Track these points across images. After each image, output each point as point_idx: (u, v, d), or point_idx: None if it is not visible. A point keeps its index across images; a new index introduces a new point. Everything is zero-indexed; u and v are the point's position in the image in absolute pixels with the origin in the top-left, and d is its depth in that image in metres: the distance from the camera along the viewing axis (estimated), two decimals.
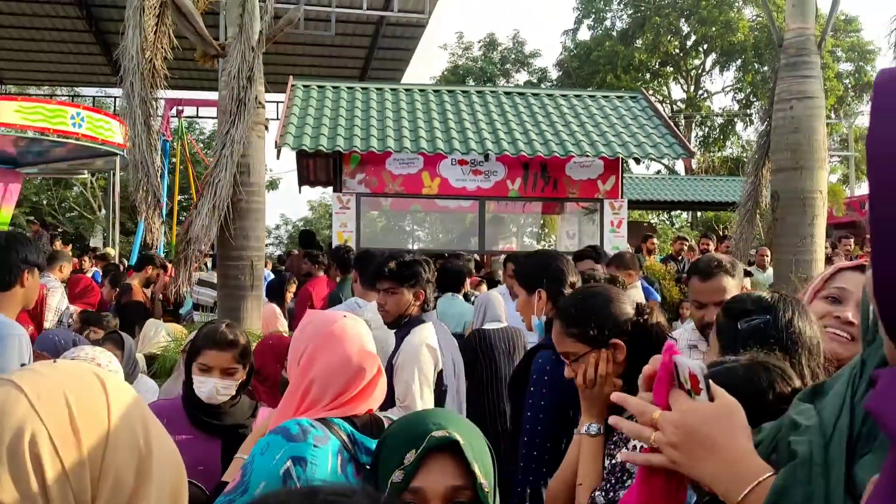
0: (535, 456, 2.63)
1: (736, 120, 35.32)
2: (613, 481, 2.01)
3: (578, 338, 2.24)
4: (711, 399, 1.17)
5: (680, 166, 31.78)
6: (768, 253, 10.41)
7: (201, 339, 2.89)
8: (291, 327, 6.23)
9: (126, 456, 1.02)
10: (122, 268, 12.15)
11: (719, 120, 35.60)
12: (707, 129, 35.63)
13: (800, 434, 1.16)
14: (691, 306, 3.13)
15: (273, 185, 35.51)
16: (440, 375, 3.81)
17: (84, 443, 0.98)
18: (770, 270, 10.14)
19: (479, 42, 40.35)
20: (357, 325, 2.23)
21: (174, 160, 20.52)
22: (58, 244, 14.55)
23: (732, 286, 2.96)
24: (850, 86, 33.21)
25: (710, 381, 1.19)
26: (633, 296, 4.40)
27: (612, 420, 1.29)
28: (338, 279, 8.01)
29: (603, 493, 2.00)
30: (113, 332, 5.17)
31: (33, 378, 1.01)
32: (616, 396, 1.27)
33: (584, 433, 2.16)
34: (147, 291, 8.66)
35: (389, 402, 3.41)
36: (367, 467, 1.71)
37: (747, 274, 7.60)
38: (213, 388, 2.76)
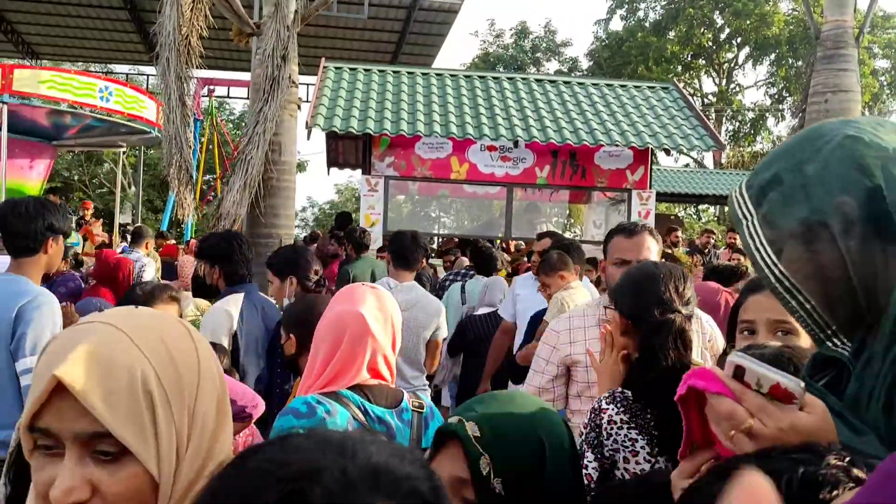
0: None
1: (767, 115, 34.93)
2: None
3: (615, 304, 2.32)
4: (801, 408, 1.06)
5: (709, 160, 31.56)
6: None
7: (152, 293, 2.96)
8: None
9: (211, 399, 1.07)
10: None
11: (750, 114, 35.22)
12: (738, 124, 35.29)
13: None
14: (610, 266, 3.00)
15: (301, 167, 35.67)
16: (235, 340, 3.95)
17: (184, 386, 1.03)
18: None
19: (510, 30, 40.32)
20: (372, 291, 2.29)
21: (203, 139, 20.67)
22: (88, 214, 14.76)
23: (655, 247, 3.02)
24: (885, 83, 32.73)
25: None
26: (566, 298, 4.38)
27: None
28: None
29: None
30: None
31: (130, 321, 1.04)
32: (730, 382, 1.10)
33: None
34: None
35: None
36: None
37: None
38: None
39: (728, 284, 4.96)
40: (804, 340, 1.86)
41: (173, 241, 15.69)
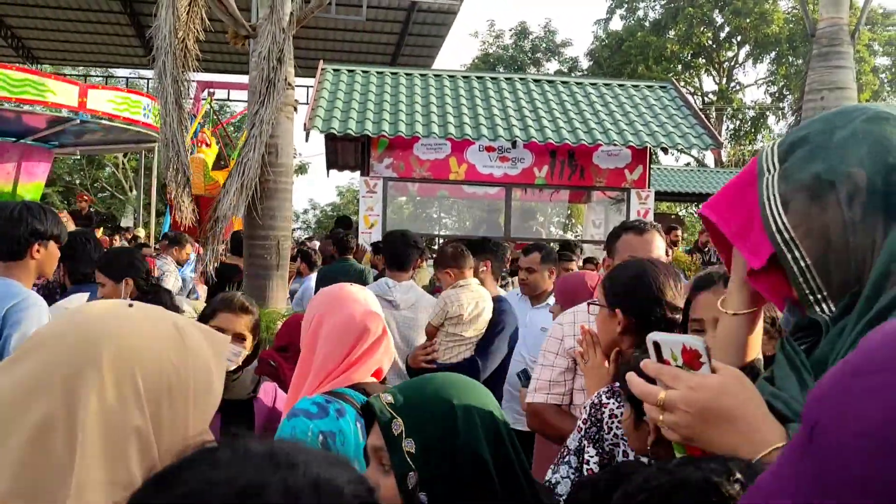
0: None
1: (768, 113, 34.90)
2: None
3: (605, 292, 2.36)
4: (713, 371, 1.15)
5: (710, 159, 31.52)
6: None
7: (217, 302, 2.92)
8: None
9: (204, 405, 1.09)
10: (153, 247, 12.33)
11: (751, 113, 35.19)
12: (738, 122, 35.25)
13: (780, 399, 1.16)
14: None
15: (302, 169, 35.69)
16: None
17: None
18: None
19: (510, 30, 40.25)
20: (362, 290, 2.28)
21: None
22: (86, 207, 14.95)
23: (662, 245, 3.07)
24: (886, 81, 32.69)
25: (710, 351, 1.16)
26: (451, 296, 4.32)
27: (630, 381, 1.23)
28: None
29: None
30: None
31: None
32: (645, 364, 1.22)
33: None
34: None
35: None
36: None
37: None
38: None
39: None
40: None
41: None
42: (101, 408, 0.96)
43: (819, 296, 1.20)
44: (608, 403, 2.13)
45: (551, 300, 4.67)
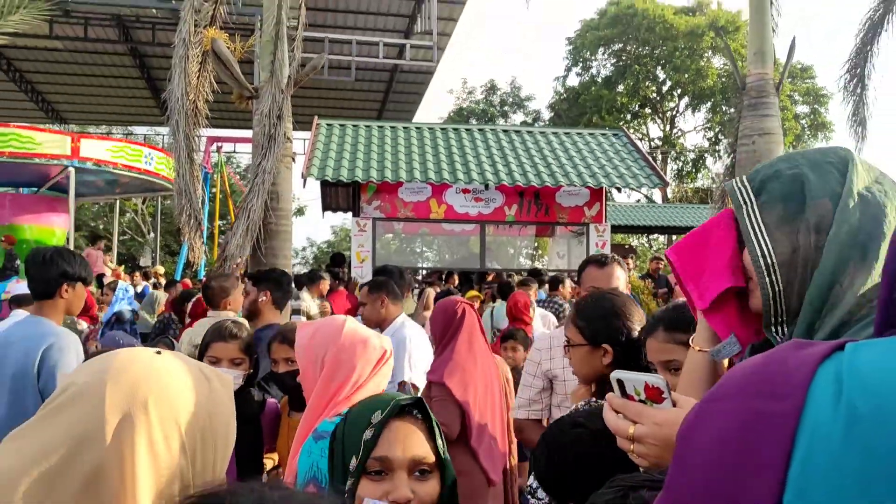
0: None
1: (706, 155, 35.28)
2: None
3: (581, 331, 2.25)
4: (675, 405, 1.14)
5: (657, 195, 31.75)
6: None
7: (209, 335, 2.88)
8: None
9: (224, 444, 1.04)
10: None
11: (692, 155, 35.57)
12: (681, 164, 35.60)
13: None
14: (584, 293, 2.91)
15: (300, 211, 35.59)
16: None
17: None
18: None
19: (481, 87, 40.52)
20: (356, 322, 2.21)
21: (214, 190, 20.61)
22: (108, 259, 14.70)
23: (623, 276, 3.02)
24: (806, 126, 33.20)
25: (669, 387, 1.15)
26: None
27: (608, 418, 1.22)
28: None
29: None
30: (165, 338, 5.19)
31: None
32: (610, 398, 1.21)
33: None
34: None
35: None
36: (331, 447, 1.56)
37: None
38: None
39: None
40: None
41: (188, 281, 15.59)
42: (151, 451, 0.90)
43: (781, 318, 1.21)
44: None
45: (400, 322, 4.22)
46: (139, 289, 11.36)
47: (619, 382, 1.18)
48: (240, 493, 0.70)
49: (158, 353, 1.03)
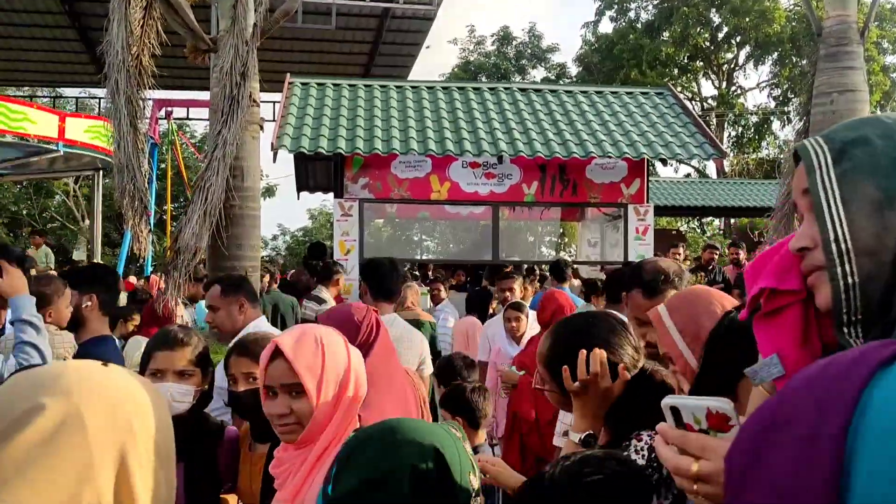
0: None
1: (772, 118, 35.21)
2: None
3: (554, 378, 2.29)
4: None
5: (711, 168, 31.73)
6: None
7: (151, 342, 2.89)
8: None
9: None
10: None
11: (754, 118, 35.49)
12: (741, 129, 35.54)
13: None
14: (631, 323, 2.79)
15: (270, 192, 35.61)
16: None
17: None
18: None
19: (492, 36, 40.49)
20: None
21: (164, 165, 20.63)
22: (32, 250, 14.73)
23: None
24: None
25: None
26: None
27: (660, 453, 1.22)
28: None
29: None
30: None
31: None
32: (664, 431, 1.22)
33: (578, 442, 2.14)
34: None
35: None
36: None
37: None
38: (166, 393, 2.64)
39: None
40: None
41: (132, 279, 15.64)
42: (142, 472, 1.02)
43: (854, 317, 1.20)
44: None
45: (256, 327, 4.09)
46: None
47: (674, 410, 1.18)
48: None
49: (106, 365, 1.11)
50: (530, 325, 6.07)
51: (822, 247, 1.21)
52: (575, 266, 11.77)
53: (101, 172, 17.84)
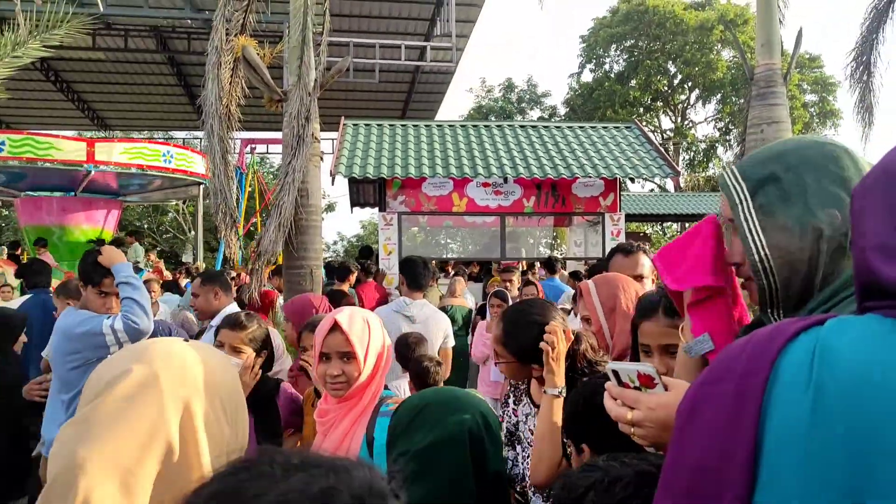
0: None
1: (717, 145, 34.84)
2: None
3: (508, 350, 2.30)
4: (667, 389, 1.16)
5: (670, 185, 31.42)
6: None
7: (223, 321, 2.88)
8: None
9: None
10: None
11: (703, 145, 35.13)
12: (693, 153, 35.20)
13: None
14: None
15: (331, 207, 35.70)
16: None
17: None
18: None
19: (499, 85, 40.30)
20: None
21: (249, 189, 20.70)
22: (152, 256, 14.82)
23: (648, 263, 2.96)
24: (815, 114, 32.62)
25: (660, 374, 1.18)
26: None
27: (608, 404, 1.23)
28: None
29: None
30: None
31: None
32: (609, 387, 1.23)
33: (556, 395, 2.07)
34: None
35: None
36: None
37: None
38: None
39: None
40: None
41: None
42: (207, 426, 1.00)
43: (775, 307, 1.21)
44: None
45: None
46: (182, 284, 11.47)
47: (615, 373, 1.21)
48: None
49: (186, 340, 1.11)
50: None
51: (749, 265, 1.21)
52: (564, 261, 11.74)
53: (200, 193, 17.84)
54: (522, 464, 2.22)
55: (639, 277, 2.80)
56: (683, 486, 0.72)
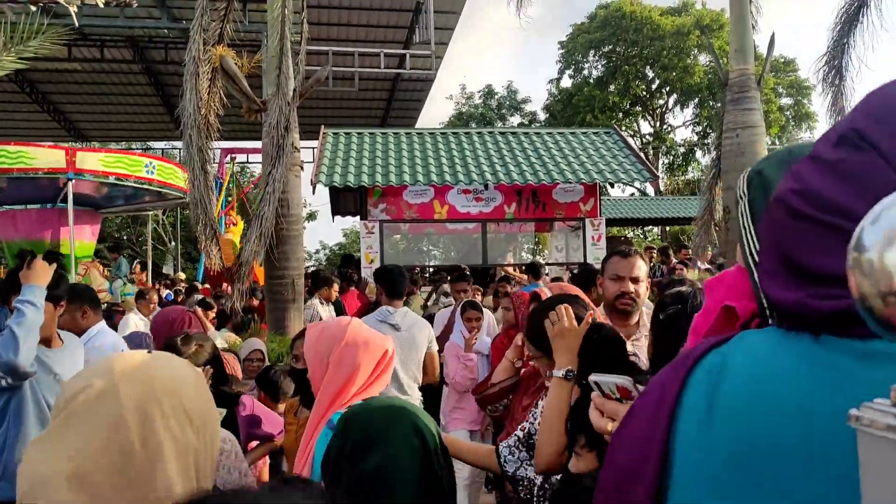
0: None
1: (695, 148, 35.16)
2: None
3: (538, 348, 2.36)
4: None
5: (650, 189, 31.67)
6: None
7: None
8: None
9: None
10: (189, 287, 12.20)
11: (681, 149, 35.44)
12: (672, 158, 35.47)
13: None
14: (607, 280, 2.94)
15: (312, 216, 35.58)
16: None
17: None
18: None
19: (478, 92, 40.40)
20: (361, 324, 2.18)
21: (230, 198, 20.58)
22: (137, 268, 14.70)
23: (644, 266, 3.00)
24: (790, 117, 33.05)
25: (638, 386, 1.22)
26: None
27: (594, 419, 1.27)
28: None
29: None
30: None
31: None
32: (593, 398, 1.27)
33: (562, 377, 2.08)
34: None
35: None
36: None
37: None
38: None
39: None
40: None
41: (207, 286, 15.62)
42: (170, 436, 1.01)
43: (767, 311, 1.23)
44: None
45: (97, 330, 3.89)
46: (163, 294, 11.40)
47: (596, 384, 1.26)
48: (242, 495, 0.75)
49: (149, 352, 1.13)
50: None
51: (742, 258, 1.20)
52: (547, 266, 11.77)
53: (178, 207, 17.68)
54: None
55: (635, 280, 2.84)
56: (612, 484, 0.80)
